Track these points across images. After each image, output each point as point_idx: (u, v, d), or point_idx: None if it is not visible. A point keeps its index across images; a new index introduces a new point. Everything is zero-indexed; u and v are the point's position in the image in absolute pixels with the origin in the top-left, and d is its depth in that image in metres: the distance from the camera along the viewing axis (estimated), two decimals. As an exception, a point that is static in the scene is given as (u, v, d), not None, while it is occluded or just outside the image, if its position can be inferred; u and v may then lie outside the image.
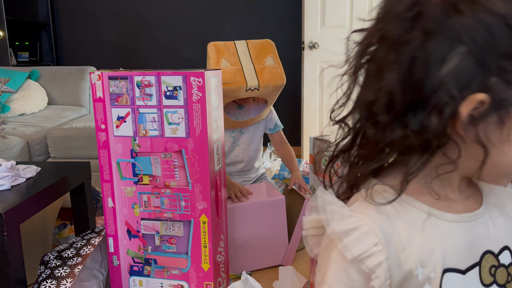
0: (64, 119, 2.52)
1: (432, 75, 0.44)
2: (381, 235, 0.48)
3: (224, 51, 1.68)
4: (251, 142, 1.89)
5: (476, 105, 0.43)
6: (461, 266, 0.50)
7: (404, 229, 0.49)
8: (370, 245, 0.47)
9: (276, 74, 1.69)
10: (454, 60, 0.43)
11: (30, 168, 1.34)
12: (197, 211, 1.22)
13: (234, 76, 1.63)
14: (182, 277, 1.27)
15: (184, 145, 1.19)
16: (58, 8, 3.36)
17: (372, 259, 0.47)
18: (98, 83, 1.20)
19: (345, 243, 0.48)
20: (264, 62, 1.71)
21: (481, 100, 0.43)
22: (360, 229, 0.48)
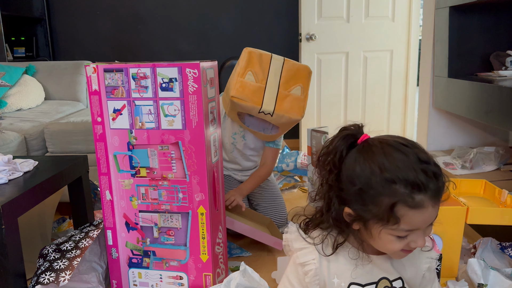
0: (61, 114, 2.51)
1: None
2: (318, 255, 0.83)
3: (255, 64, 1.59)
4: (250, 149, 1.83)
5: (349, 213, 0.78)
6: (362, 282, 0.83)
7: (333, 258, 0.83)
8: (310, 259, 0.83)
9: (297, 107, 1.60)
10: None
11: (27, 162, 1.34)
12: (195, 203, 1.22)
13: (252, 95, 1.56)
14: (181, 269, 1.28)
15: (180, 137, 1.19)
16: (53, 3, 3.34)
17: (309, 265, 0.83)
18: (94, 76, 1.20)
19: (298, 254, 0.84)
20: (291, 90, 1.61)
21: (348, 212, 0.78)
22: (307, 249, 0.84)
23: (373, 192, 0.73)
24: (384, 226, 0.74)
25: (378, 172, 0.72)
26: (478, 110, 1.71)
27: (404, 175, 0.71)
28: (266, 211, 1.86)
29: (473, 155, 1.88)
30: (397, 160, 0.72)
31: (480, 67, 1.96)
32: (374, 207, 0.73)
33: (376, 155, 0.74)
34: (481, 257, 1.38)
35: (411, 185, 0.71)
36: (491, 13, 1.92)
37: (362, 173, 0.74)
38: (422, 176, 0.71)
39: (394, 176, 0.71)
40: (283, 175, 2.51)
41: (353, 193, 0.75)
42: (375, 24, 3.05)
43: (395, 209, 0.71)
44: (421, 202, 0.71)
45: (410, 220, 0.72)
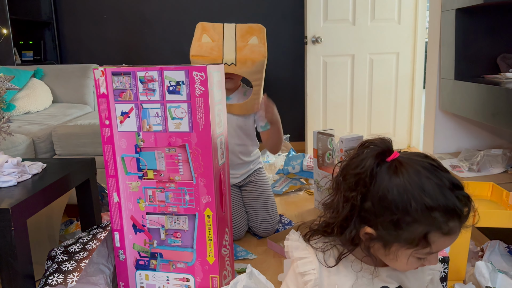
0: (69, 117, 2.53)
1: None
2: (318, 266, 0.82)
3: (209, 29, 1.66)
4: (232, 135, 1.79)
5: (369, 233, 0.76)
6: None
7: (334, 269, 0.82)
8: (310, 269, 0.83)
9: (257, 51, 1.63)
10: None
11: (36, 165, 1.36)
12: (202, 205, 1.23)
13: (211, 50, 1.61)
14: (188, 271, 1.28)
15: (187, 140, 1.19)
16: (61, 7, 3.37)
17: (308, 276, 0.83)
18: (102, 79, 1.21)
19: (297, 264, 0.84)
20: (248, 41, 1.66)
21: (369, 232, 0.76)
22: (307, 259, 0.84)
23: (409, 219, 0.71)
24: (409, 249, 0.73)
25: (418, 198, 0.70)
26: (485, 112, 1.70)
27: (444, 202, 0.70)
28: (252, 218, 1.83)
29: (480, 158, 1.87)
30: (435, 186, 0.71)
31: (487, 69, 1.96)
32: (405, 232, 0.72)
33: (412, 179, 0.71)
34: (488, 260, 1.37)
35: (450, 213, 0.70)
36: (498, 15, 1.91)
37: (400, 198, 0.71)
38: (458, 203, 0.70)
39: (434, 203, 0.69)
40: (289, 177, 2.52)
41: (385, 217, 0.73)
42: (381, 26, 3.05)
43: (429, 236, 0.71)
44: (454, 229, 0.71)
45: (440, 246, 0.72)
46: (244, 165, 1.92)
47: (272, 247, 1.72)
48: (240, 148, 1.86)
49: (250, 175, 1.94)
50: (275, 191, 2.37)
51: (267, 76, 3.35)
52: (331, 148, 2.10)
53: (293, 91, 3.40)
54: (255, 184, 1.91)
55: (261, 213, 1.83)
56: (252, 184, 1.92)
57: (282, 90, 3.41)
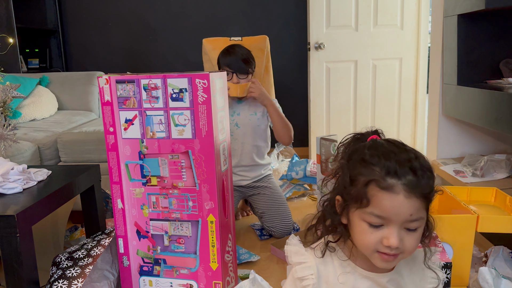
0: (74, 124, 2.56)
1: None
2: (316, 270, 0.83)
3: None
4: (247, 135, 1.91)
5: (339, 201, 0.81)
6: None
7: (332, 273, 0.83)
8: (308, 274, 0.83)
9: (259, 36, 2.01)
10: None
11: (41, 172, 1.37)
12: (205, 211, 1.24)
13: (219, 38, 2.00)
14: (191, 277, 1.29)
15: (190, 146, 1.21)
16: (66, 16, 3.42)
17: (306, 281, 0.83)
18: (106, 87, 1.23)
19: (296, 269, 0.85)
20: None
21: (339, 200, 0.81)
22: (306, 264, 0.84)
23: (354, 172, 0.77)
24: (358, 209, 0.76)
25: (364, 155, 0.77)
26: (488, 117, 1.70)
27: (385, 160, 0.74)
28: (270, 219, 1.88)
29: (484, 163, 1.87)
30: (385, 149, 0.76)
31: (490, 74, 1.96)
32: (352, 187, 0.76)
33: (371, 146, 0.78)
34: (492, 265, 1.37)
35: (387, 169, 0.73)
36: (500, 20, 1.91)
37: (354, 158, 0.79)
38: (401, 166, 0.73)
39: (374, 160, 0.75)
40: (292, 183, 2.52)
41: (341, 175, 0.80)
42: (383, 32, 3.06)
43: (368, 188, 0.74)
44: (391, 185, 0.72)
45: (379, 203, 0.73)
46: (256, 168, 1.98)
47: (275, 253, 1.72)
48: (254, 149, 1.94)
49: (261, 180, 1.99)
50: (278, 197, 2.38)
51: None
52: (334, 153, 2.11)
53: (296, 97, 3.41)
54: (268, 188, 1.97)
55: (278, 215, 1.88)
56: (265, 188, 1.97)
57: (286, 96, 3.42)
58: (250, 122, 1.90)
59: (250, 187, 1.97)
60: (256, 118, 1.92)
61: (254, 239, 1.90)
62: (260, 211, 1.92)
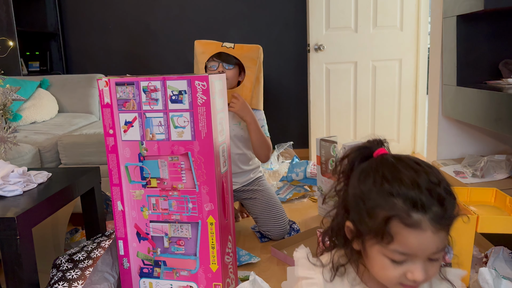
0: (74, 126, 2.56)
1: None
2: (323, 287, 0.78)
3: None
4: (231, 144, 1.85)
5: (350, 228, 0.75)
6: None
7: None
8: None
9: (254, 45, 1.87)
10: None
11: (41, 174, 1.37)
12: (205, 213, 1.24)
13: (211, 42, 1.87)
14: (191, 278, 1.29)
15: (190, 148, 1.21)
16: (66, 19, 3.43)
17: None
18: (106, 89, 1.23)
19: (302, 283, 0.81)
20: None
21: (349, 226, 0.75)
22: (312, 281, 0.80)
23: (370, 203, 0.69)
24: (378, 244, 0.69)
25: (380, 182, 0.69)
26: (488, 118, 1.70)
27: (406, 190, 0.66)
28: (265, 223, 1.86)
29: (484, 164, 1.87)
30: (403, 175, 0.68)
31: (489, 75, 1.96)
32: (370, 220, 0.69)
33: (384, 168, 0.71)
34: (492, 266, 1.37)
35: (411, 202, 0.66)
36: (499, 21, 1.92)
37: (364, 182, 0.72)
38: (425, 196, 0.66)
39: (394, 189, 0.67)
40: (292, 184, 2.52)
41: (353, 201, 0.73)
42: (383, 33, 3.06)
43: (390, 224, 0.67)
44: (418, 222, 0.65)
45: (405, 241, 0.66)
46: (244, 174, 1.95)
47: (275, 254, 1.72)
48: (239, 157, 1.91)
49: (251, 184, 1.97)
50: (279, 198, 2.38)
51: (271, 83, 3.38)
52: (334, 155, 2.11)
53: (296, 98, 3.41)
54: (260, 191, 1.94)
55: (271, 218, 1.87)
56: (257, 192, 1.94)
57: (286, 97, 3.43)
58: (233, 131, 1.86)
59: (241, 191, 1.95)
60: (240, 128, 1.88)
61: (254, 240, 1.90)
62: (254, 216, 1.92)
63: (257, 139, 1.84)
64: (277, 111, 3.43)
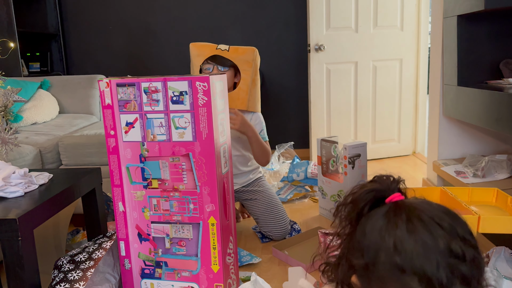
0: (75, 127, 2.56)
1: None
2: None
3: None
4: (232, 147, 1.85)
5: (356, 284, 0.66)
6: None
7: None
8: None
9: (249, 47, 1.84)
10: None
11: (42, 175, 1.38)
12: (206, 213, 1.24)
13: (206, 44, 1.84)
14: (193, 279, 1.29)
15: (191, 149, 1.21)
16: (67, 19, 3.43)
17: None
18: (107, 91, 1.23)
19: None
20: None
21: (354, 281, 0.66)
22: None
23: (378, 274, 0.60)
24: None
25: (391, 251, 0.58)
26: (489, 118, 1.70)
27: (420, 265, 0.55)
28: (266, 224, 1.86)
29: (485, 163, 1.87)
30: (419, 243, 0.56)
31: (490, 75, 1.96)
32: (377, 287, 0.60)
33: (397, 228, 0.58)
34: (494, 266, 1.37)
35: (427, 282, 0.55)
36: (499, 21, 1.92)
37: (371, 245, 0.61)
38: (445, 274, 0.54)
39: (406, 264, 0.56)
40: (293, 185, 2.52)
41: (359, 264, 0.63)
42: (384, 33, 3.06)
43: None
44: None
45: None
46: (243, 175, 1.95)
47: (277, 255, 1.72)
48: (237, 159, 1.91)
49: (251, 185, 1.96)
50: (279, 198, 2.38)
51: (271, 84, 3.38)
52: (335, 155, 2.11)
53: (297, 98, 3.41)
54: (260, 192, 1.94)
55: (272, 218, 1.86)
56: (257, 192, 1.94)
57: (286, 97, 3.43)
58: (231, 134, 1.80)
59: (241, 192, 1.95)
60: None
61: (256, 241, 1.90)
62: (255, 216, 1.92)
63: (259, 150, 1.85)
64: (278, 111, 3.43)
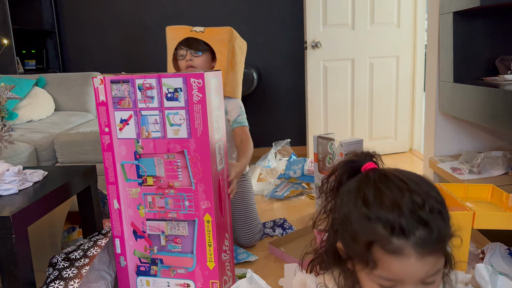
0: (71, 125, 2.55)
1: None
2: None
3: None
4: None
5: (341, 248, 0.72)
6: None
7: None
8: None
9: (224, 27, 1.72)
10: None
11: (37, 173, 1.37)
12: (201, 211, 1.24)
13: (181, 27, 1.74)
14: (188, 276, 1.29)
15: (186, 146, 1.20)
16: (62, 16, 3.41)
17: None
18: (101, 87, 1.23)
19: None
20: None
21: (340, 247, 0.72)
22: None
23: (353, 227, 0.66)
24: (365, 269, 0.66)
25: (360, 205, 0.65)
26: (485, 114, 1.71)
27: (384, 214, 0.62)
28: (235, 228, 1.76)
29: (481, 160, 1.87)
30: (384, 196, 0.64)
31: (486, 71, 1.96)
32: (354, 244, 0.66)
33: (366, 187, 0.67)
34: (489, 262, 1.37)
35: (390, 226, 0.62)
36: (495, 17, 1.92)
37: (346, 204, 0.68)
38: (406, 219, 0.61)
39: (372, 213, 0.63)
40: (290, 182, 2.52)
41: (338, 223, 0.70)
42: (380, 30, 3.06)
43: (372, 250, 0.63)
44: (399, 248, 0.61)
45: (388, 268, 0.63)
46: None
47: (273, 251, 1.72)
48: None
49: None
50: (276, 195, 2.38)
51: (268, 81, 3.37)
52: (331, 152, 2.11)
53: (293, 95, 3.41)
54: (236, 194, 1.78)
55: (241, 224, 1.77)
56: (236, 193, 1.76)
57: (283, 95, 3.43)
58: None
59: None
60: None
61: (252, 238, 1.90)
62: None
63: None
64: (274, 108, 3.43)
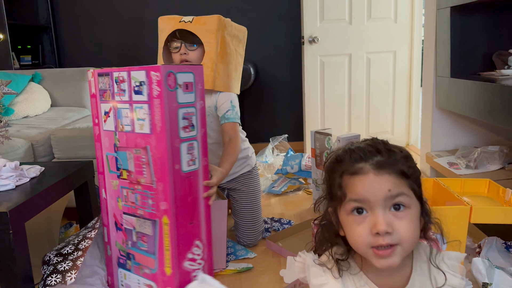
0: (67, 120, 2.54)
1: None
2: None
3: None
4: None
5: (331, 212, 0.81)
6: None
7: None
8: None
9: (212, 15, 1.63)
10: None
11: (34, 168, 1.37)
12: (160, 211, 1.17)
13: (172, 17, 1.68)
14: (151, 277, 1.22)
15: (148, 142, 1.15)
16: (58, 11, 3.39)
17: None
18: (92, 80, 1.24)
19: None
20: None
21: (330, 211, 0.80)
22: (328, 286, 0.79)
23: (331, 175, 0.78)
24: (342, 206, 0.76)
25: (338, 155, 0.78)
26: (481, 109, 1.71)
27: (353, 152, 0.76)
28: (239, 228, 1.76)
29: (478, 155, 1.87)
30: (357, 145, 0.77)
31: (483, 66, 1.96)
32: (333, 188, 0.77)
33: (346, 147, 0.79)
34: (486, 256, 1.38)
35: (354, 157, 0.75)
36: (492, 12, 1.92)
37: (329, 162, 0.81)
38: (367, 150, 0.75)
39: (344, 155, 0.77)
40: (287, 177, 2.52)
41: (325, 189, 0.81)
42: (377, 25, 3.05)
43: (342, 181, 0.75)
44: (360, 168, 0.73)
45: (353, 188, 0.73)
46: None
47: (270, 246, 1.72)
48: (214, 147, 1.68)
49: (236, 179, 1.76)
50: (274, 191, 2.38)
51: (265, 76, 3.37)
52: (328, 147, 2.11)
53: (290, 91, 3.40)
54: (241, 193, 1.76)
55: (246, 224, 1.75)
56: (239, 192, 1.76)
57: (280, 90, 3.42)
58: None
59: (230, 188, 1.79)
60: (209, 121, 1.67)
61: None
62: (234, 217, 1.79)
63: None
64: (272, 104, 3.42)
